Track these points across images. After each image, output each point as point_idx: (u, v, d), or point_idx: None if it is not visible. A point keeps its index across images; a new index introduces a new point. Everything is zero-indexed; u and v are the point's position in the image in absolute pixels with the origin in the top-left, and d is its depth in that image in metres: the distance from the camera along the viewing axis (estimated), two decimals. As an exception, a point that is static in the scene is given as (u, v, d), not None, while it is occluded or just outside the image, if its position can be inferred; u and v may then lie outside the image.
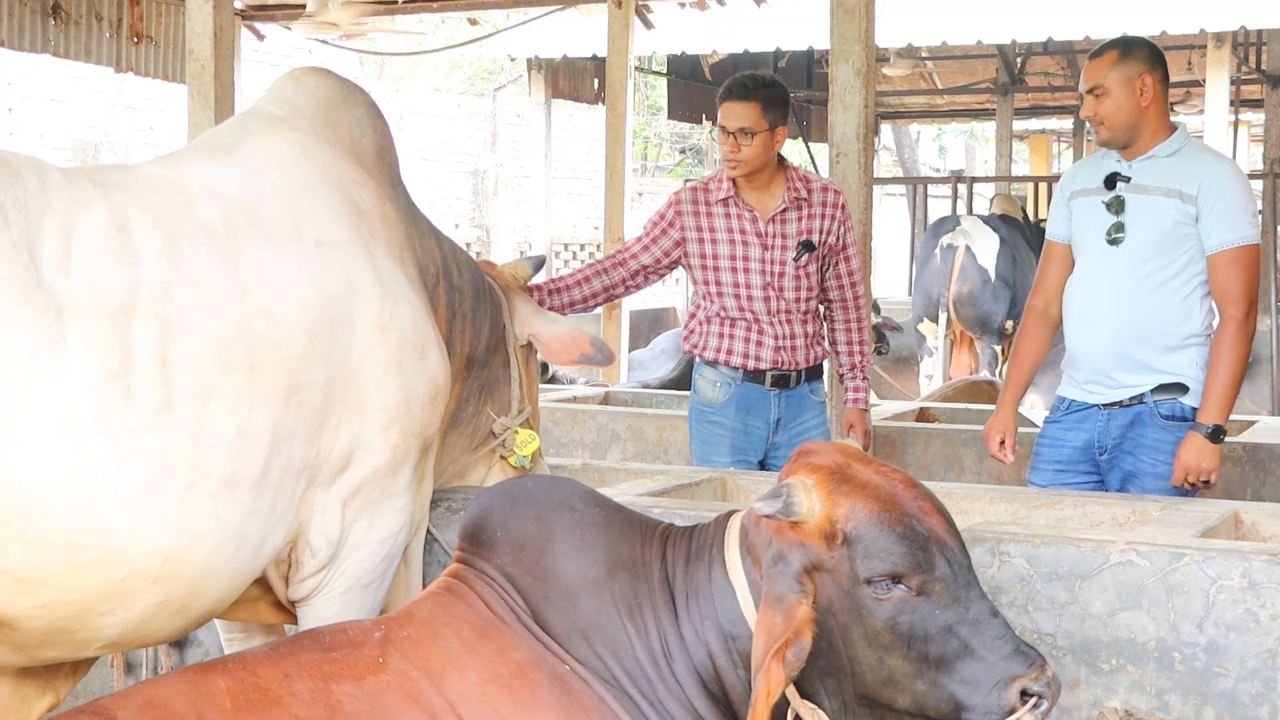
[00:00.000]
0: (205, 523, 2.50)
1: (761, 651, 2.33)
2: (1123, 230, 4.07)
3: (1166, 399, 4.04)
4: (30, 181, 2.41)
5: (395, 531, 2.98)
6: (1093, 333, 4.12)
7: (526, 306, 3.63)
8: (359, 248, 2.89)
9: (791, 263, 4.63)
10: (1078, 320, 4.18)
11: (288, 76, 3.15)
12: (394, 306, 2.91)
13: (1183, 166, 4.03)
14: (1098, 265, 4.13)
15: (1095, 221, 4.14)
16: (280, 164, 2.88)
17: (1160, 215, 4.02)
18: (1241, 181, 4.07)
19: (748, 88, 4.56)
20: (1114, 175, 4.13)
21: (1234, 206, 3.98)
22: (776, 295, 4.65)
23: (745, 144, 4.54)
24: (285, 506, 2.70)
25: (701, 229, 4.69)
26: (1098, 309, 4.11)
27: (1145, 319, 4.04)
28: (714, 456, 4.74)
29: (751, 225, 4.64)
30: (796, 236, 4.64)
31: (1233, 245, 3.98)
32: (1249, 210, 4.03)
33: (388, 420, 2.88)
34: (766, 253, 4.64)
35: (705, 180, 4.81)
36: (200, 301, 2.54)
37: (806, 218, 4.65)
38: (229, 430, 2.53)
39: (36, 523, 2.33)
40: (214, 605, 2.66)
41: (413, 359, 2.93)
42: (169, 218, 2.57)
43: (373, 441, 2.86)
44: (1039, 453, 4.28)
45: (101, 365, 2.38)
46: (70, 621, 2.45)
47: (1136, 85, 4.04)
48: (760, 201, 4.66)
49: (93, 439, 2.36)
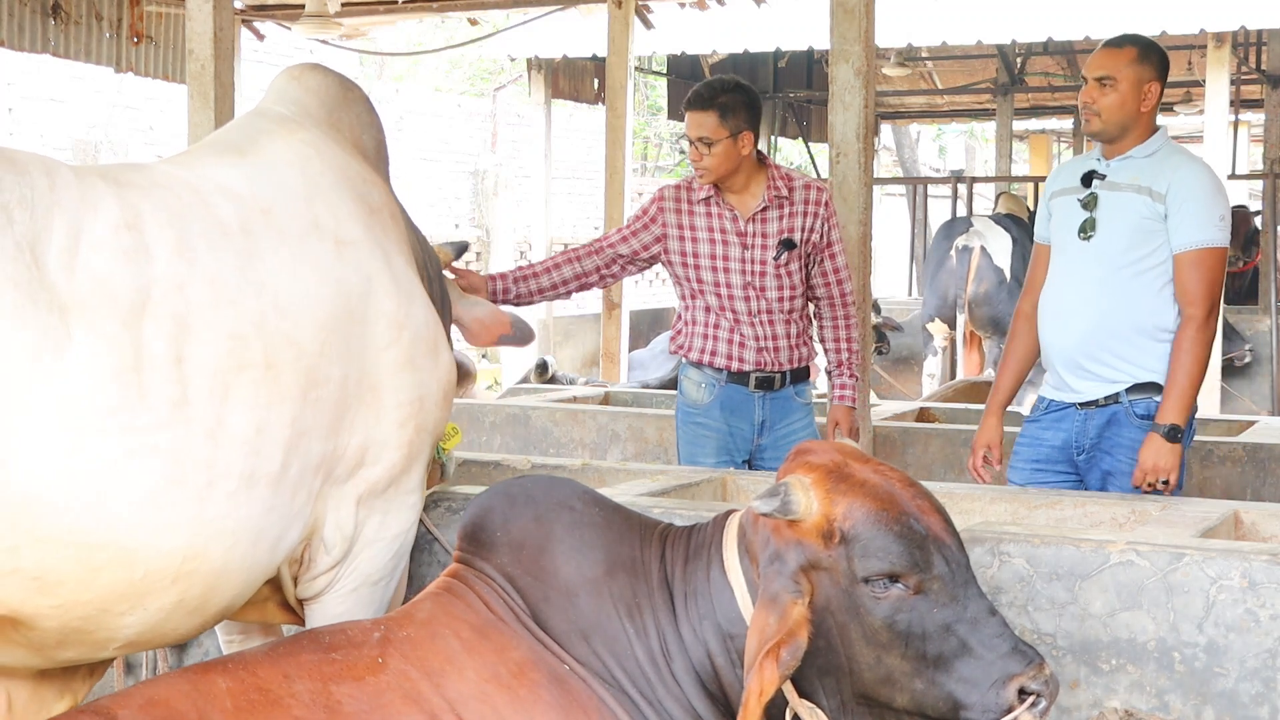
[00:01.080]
0: (223, 521, 2.50)
1: (755, 650, 2.34)
2: (1094, 226, 4.10)
3: (1141, 399, 4.06)
4: (39, 180, 2.41)
5: (406, 528, 3.00)
6: (1067, 328, 4.14)
7: (450, 292, 3.58)
8: (374, 246, 2.90)
9: (772, 262, 4.62)
10: (1052, 316, 4.21)
11: (287, 75, 3.15)
12: (409, 304, 2.92)
13: (1156, 166, 4.06)
14: (1070, 261, 4.17)
15: (1070, 218, 4.17)
16: (294, 163, 2.88)
17: (1129, 211, 4.05)
18: (1213, 184, 4.08)
19: (704, 96, 4.53)
20: (1091, 173, 4.16)
21: (1201, 208, 3.99)
22: (758, 295, 4.64)
23: (705, 153, 4.52)
24: (303, 503, 2.70)
25: (683, 226, 4.68)
26: (1071, 304, 4.13)
27: (1116, 311, 4.06)
28: (700, 457, 4.73)
29: (732, 224, 4.63)
30: (777, 235, 4.62)
31: (1196, 247, 3.99)
32: (1216, 213, 4.03)
33: (403, 417, 2.89)
34: (746, 252, 4.63)
35: (689, 179, 4.77)
36: (215, 299, 2.54)
37: (787, 216, 4.64)
38: (246, 428, 2.53)
39: (46, 522, 2.32)
40: (230, 603, 2.66)
41: (426, 356, 2.95)
42: (183, 216, 2.57)
43: (388, 438, 2.87)
44: (1017, 451, 4.32)
45: (110, 363, 2.37)
46: (88, 621, 2.45)
47: (1144, 89, 4.05)
48: (740, 201, 4.64)
49: (101, 437, 2.35)
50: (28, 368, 2.30)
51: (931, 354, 10.63)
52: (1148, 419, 4.03)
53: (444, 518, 3.55)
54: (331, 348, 2.72)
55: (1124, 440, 4.07)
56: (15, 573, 2.34)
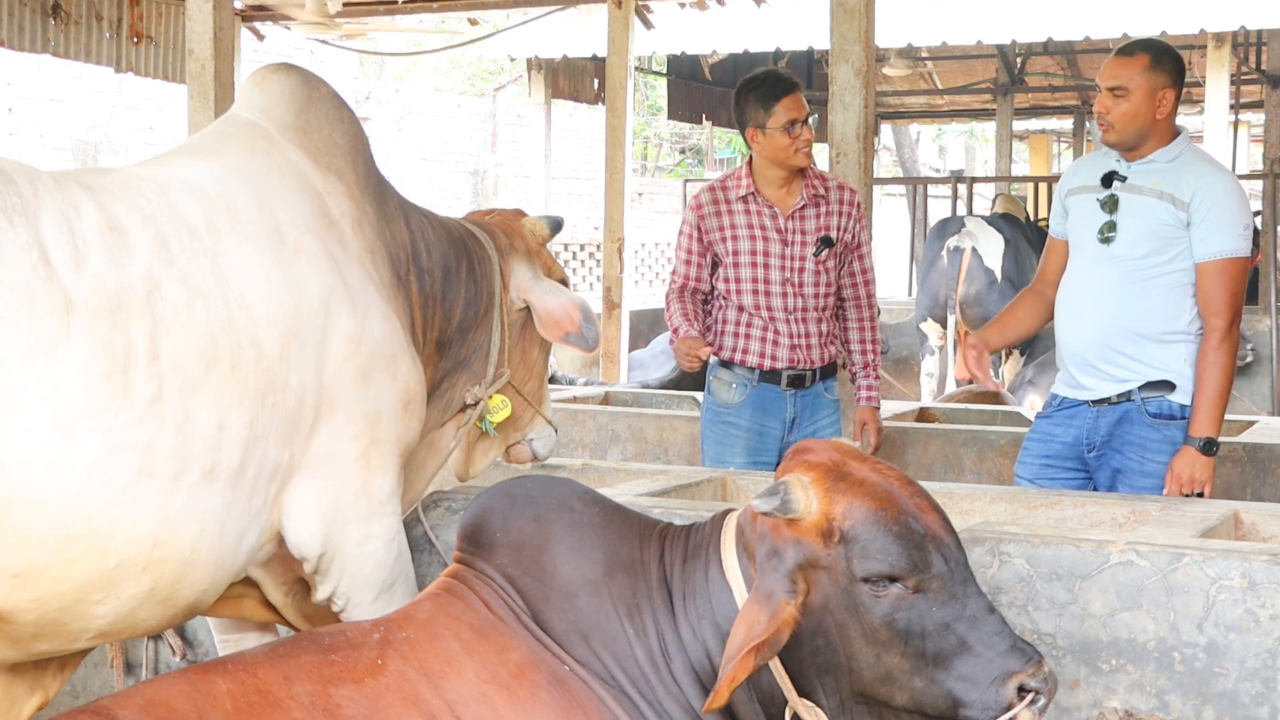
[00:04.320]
0: (189, 510, 2.55)
1: (739, 642, 2.34)
2: (1115, 229, 4.08)
3: (1154, 396, 4.06)
4: (24, 187, 2.45)
5: (395, 531, 3.02)
6: (1082, 327, 4.14)
7: (525, 270, 3.50)
8: (329, 259, 2.90)
9: (811, 258, 4.68)
10: (1068, 314, 4.21)
11: (252, 80, 3.12)
12: (365, 320, 2.92)
13: (1179, 173, 4.03)
14: (1089, 263, 4.15)
15: (1089, 219, 4.15)
16: (256, 171, 2.89)
17: (1151, 216, 4.03)
18: (1237, 193, 4.06)
19: (796, 82, 4.68)
20: (1111, 174, 4.13)
21: (1225, 218, 3.98)
22: (795, 291, 4.69)
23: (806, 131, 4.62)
24: (259, 506, 2.73)
25: (723, 227, 4.74)
26: (1088, 304, 4.13)
27: (1133, 313, 4.05)
28: (728, 458, 4.74)
29: (771, 221, 4.69)
30: (815, 233, 4.70)
31: (1219, 257, 3.99)
32: (1240, 223, 4.02)
33: (357, 430, 2.90)
34: (786, 248, 4.69)
35: (723, 179, 4.85)
36: (189, 298, 2.58)
37: (825, 214, 4.71)
38: (210, 424, 2.57)
39: (32, 520, 2.36)
40: (199, 596, 2.69)
41: (383, 369, 2.95)
42: (156, 216, 2.62)
43: (344, 452, 2.88)
44: (1027, 446, 4.31)
45: (104, 363, 2.42)
46: (63, 612, 2.48)
47: (1158, 97, 4.01)
48: (780, 198, 4.71)
49: (90, 435, 2.40)
50: (27, 369, 2.34)
51: (928, 354, 10.65)
52: (1160, 417, 4.04)
53: (444, 518, 3.55)
54: (291, 354, 2.74)
55: (1134, 439, 4.07)
56: None
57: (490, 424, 3.46)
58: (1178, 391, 4.05)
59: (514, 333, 3.49)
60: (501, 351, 3.44)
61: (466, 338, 3.37)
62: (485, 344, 3.43)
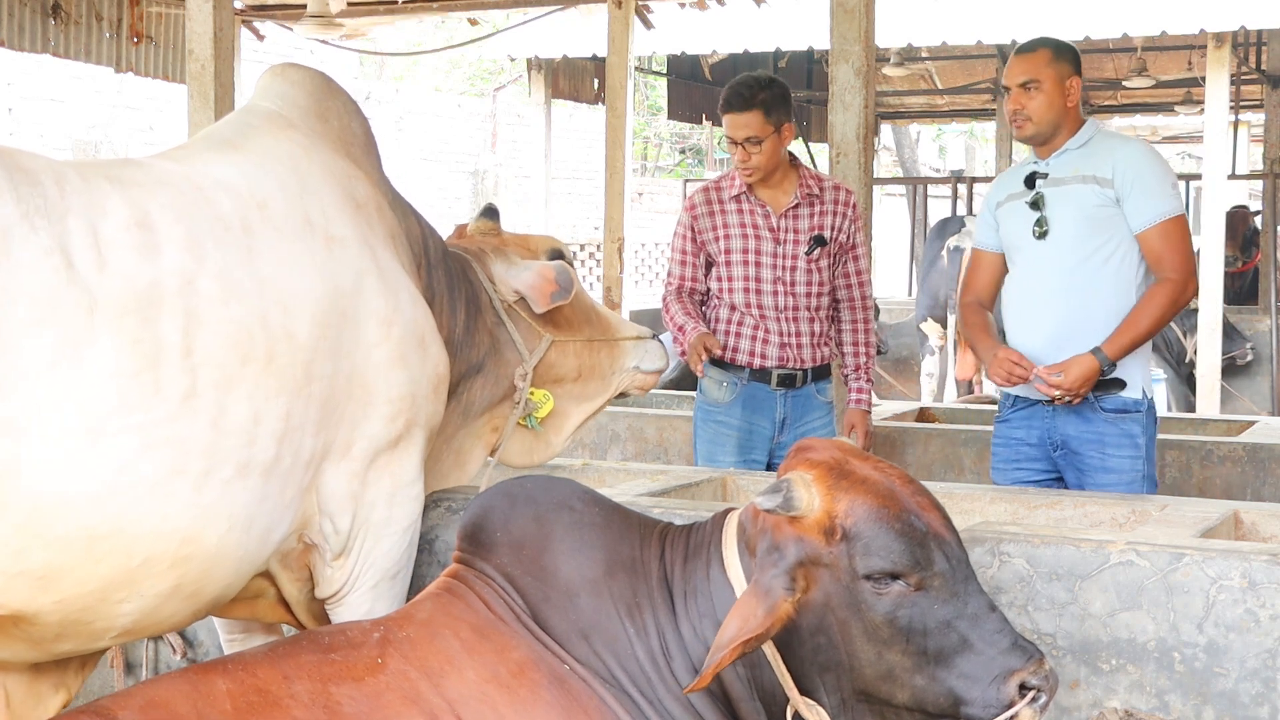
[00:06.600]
0: (219, 506, 2.55)
1: (733, 633, 2.34)
2: (1046, 224, 4.14)
3: (1108, 395, 4.10)
4: (50, 189, 2.44)
5: (414, 519, 3.06)
6: (1033, 329, 4.18)
7: (501, 264, 3.58)
8: (362, 243, 2.93)
9: (803, 256, 4.67)
10: (1016, 317, 4.26)
11: (272, 73, 3.18)
12: (397, 301, 2.95)
13: (1094, 154, 4.12)
14: (1028, 261, 4.21)
15: (1021, 223, 4.22)
16: (283, 159, 2.91)
17: (1080, 201, 4.10)
18: (1155, 158, 4.15)
19: (746, 97, 4.58)
20: (1033, 175, 4.22)
21: (1152, 183, 4.05)
22: (786, 290, 4.69)
23: (755, 152, 4.60)
24: (292, 496, 2.74)
25: (716, 227, 4.75)
26: (1034, 306, 4.18)
27: (1080, 305, 4.09)
28: (719, 456, 4.75)
29: (764, 220, 4.70)
30: (809, 232, 4.70)
31: (1159, 220, 4.05)
32: (1168, 183, 4.10)
33: (394, 413, 2.93)
34: (779, 247, 4.69)
35: (717, 179, 4.87)
36: (223, 293, 2.58)
37: (818, 214, 4.71)
38: (245, 418, 2.58)
39: (59, 522, 2.35)
40: (223, 591, 2.69)
41: (415, 351, 2.98)
42: (189, 212, 2.61)
43: (379, 434, 2.91)
44: (995, 453, 4.36)
45: (134, 363, 2.41)
46: (87, 612, 2.47)
47: (1067, 85, 4.14)
48: (773, 197, 4.72)
49: (120, 434, 2.39)
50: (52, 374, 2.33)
51: (929, 354, 10.67)
52: (1115, 412, 4.08)
53: (444, 517, 3.55)
54: (325, 344, 2.76)
55: (1092, 435, 4.12)
56: (22, 574, 2.35)
57: (535, 420, 3.52)
58: (1130, 388, 4.10)
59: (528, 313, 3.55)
60: (520, 333, 3.50)
61: (472, 339, 3.41)
62: (493, 344, 3.47)
